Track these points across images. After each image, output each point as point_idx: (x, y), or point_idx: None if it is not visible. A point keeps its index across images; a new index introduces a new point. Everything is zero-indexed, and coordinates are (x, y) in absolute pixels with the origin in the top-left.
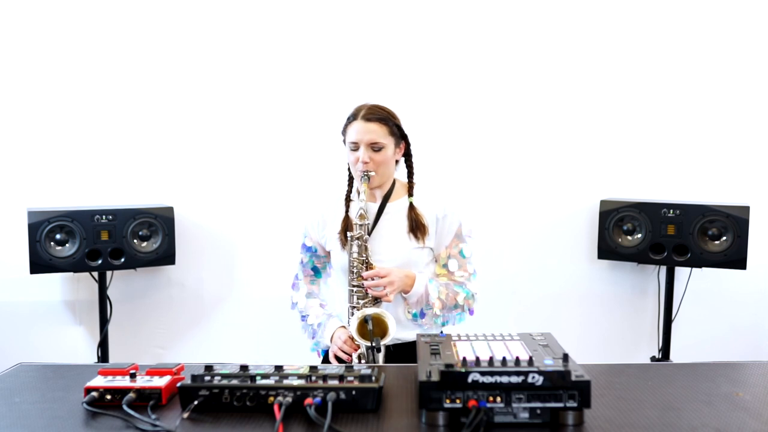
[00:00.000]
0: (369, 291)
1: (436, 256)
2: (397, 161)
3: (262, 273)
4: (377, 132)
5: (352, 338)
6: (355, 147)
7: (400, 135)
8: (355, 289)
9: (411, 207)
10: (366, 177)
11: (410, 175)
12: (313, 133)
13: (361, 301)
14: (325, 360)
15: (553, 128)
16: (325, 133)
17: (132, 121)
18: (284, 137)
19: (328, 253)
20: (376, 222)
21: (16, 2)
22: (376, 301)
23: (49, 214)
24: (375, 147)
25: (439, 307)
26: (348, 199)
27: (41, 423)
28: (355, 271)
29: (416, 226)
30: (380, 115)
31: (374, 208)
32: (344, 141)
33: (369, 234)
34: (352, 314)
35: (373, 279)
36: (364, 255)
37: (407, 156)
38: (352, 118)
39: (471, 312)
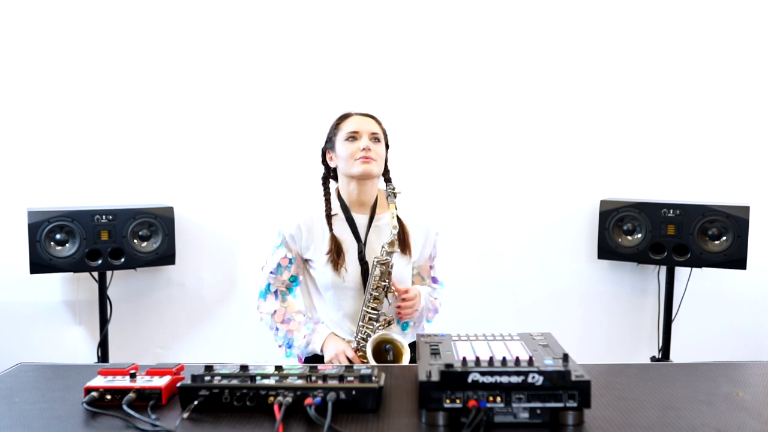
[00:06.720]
0: (400, 313)
1: (416, 267)
2: None
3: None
4: (376, 126)
5: (356, 351)
6: (357, 136)
7: (386, 141)
8: (370, 312)
9: (399, 221)
10: (393, 195)
11: (388, 180)
12: (312, 132)
13: (375, 324)
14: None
15: (552, 129)
16: (324, 133)
17: (132, 121)
18: (284, 137)
19: (305, 261)
20: (366, 235)
21: (16, 2)
22: (389, 323)
23: (49, 214)
24: (375, 137)
25: (429, 316)
26: (329, 216)
27: (41, 423)
28: (374, 294)
29: (403, 241)
30: (373, 116)
31: (363, 220)
32: (333, 144)
33: (364, 247)
34: (364, 336)
35: (405, 300)
36: (387, 281)
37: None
38: (346, 116)
39: (436, 311)
